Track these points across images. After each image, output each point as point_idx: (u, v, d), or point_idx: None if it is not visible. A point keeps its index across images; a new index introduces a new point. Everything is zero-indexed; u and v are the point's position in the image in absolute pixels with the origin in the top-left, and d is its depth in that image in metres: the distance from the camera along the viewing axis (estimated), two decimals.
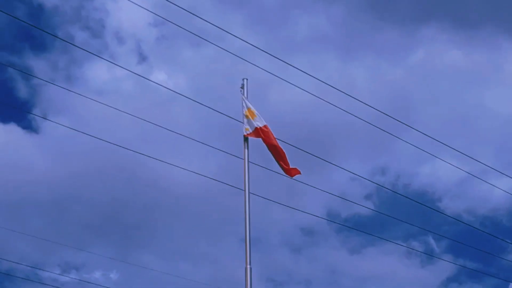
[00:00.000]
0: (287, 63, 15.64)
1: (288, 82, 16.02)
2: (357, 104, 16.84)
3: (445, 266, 38.24)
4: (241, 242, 14.06)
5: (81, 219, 34.92)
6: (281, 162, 14.83)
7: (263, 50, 15.26)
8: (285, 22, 42.52)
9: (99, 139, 16.22)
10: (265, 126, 14.88)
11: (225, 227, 34.81)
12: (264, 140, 14.84)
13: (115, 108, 16.24)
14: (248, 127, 14.91)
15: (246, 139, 14.91)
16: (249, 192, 14.26)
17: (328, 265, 38.55)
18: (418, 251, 33.71)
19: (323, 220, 32.15)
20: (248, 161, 14.67)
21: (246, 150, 14.83)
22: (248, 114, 15.00)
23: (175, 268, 35.30)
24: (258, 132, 14.82)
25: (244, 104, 15.15)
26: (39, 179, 35.21)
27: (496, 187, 22.69)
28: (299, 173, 14.92)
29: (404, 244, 31.13)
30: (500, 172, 20.94)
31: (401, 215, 22.97)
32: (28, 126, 37.97)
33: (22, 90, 38.16)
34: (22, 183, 33.89)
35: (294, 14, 42.52)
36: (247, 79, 15.49)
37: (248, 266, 13.48)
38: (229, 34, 14.89)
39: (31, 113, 38.19)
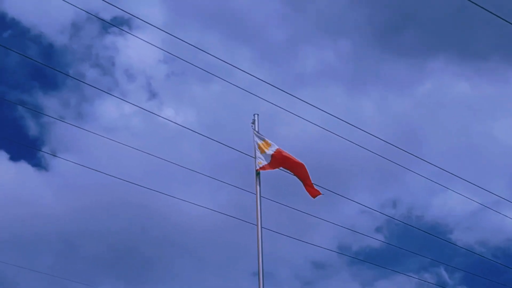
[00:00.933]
0: (296, 97, 15.69)
1: (297, 115, 16.07)
2: (366, 137, 16.86)
3: None
4: (252, 276, 14.03)
5: (91, 256, 34.85)
6: (304, 181, 14.72)
7: (271, 85, 15.32)
8: (292, 57, 42.79)
9: (109, 175, 16.31)
10: (278, 150, 14.83)
11: (236, 261, 34.62)
12: (282, 165, 14.76)
13: (125, 145, 16.35)
14: (261, 160, 14.85)
15: (258, 173, 14.85)
16: (261, 227, 14.20)
17: None
18: (431, 283, 33.33)
19: (334, 253, 31.96)
20: (260, 196, 14.63)
21: (258, 185, 14.78)
22: (262, 147, 14.96)
23: None
24: (274, 161, 14.74)
25: (256, 139, 15.17)
26: (49, 216, 35.22)
27: (508, 217, 22.56)
28: (320, 193, 14.87)
29: (416, 276, 30.82)
30: None
31: (412, 247, 22.87)
32: (38, 163, 38.15)
33: (32, 128, 38.41)
34: (32, 220, 33.91)
35: (301, 49, 42.79)
36: (258, 115, 15.52)
37: None
38: (238, 70, 14.99)
39: (41, 151, 38.29)
